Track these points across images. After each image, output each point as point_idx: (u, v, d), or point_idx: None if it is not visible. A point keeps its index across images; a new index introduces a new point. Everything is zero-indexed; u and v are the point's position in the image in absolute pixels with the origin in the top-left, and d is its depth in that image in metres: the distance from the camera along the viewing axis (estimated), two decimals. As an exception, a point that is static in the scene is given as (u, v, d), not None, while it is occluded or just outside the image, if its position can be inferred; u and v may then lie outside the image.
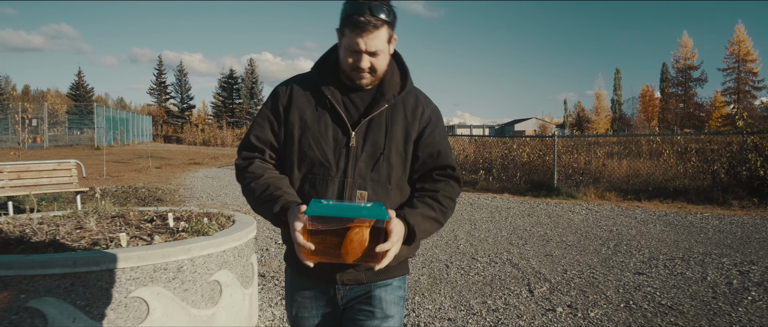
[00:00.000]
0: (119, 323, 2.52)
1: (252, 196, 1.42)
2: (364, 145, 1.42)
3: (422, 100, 1.50)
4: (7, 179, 6.75)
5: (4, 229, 2.99)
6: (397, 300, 1.50)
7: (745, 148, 8.64)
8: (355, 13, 1.33)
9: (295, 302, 1.52)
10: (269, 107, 1.48)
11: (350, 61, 1.39)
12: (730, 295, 3.83)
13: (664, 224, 6.73)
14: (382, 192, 1.43)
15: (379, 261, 1.26)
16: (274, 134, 1.47)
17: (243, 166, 1.46)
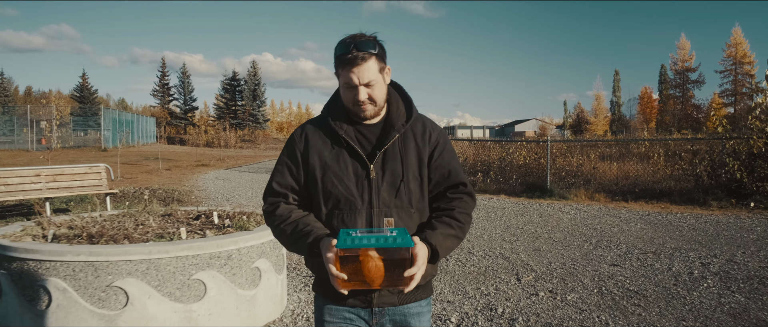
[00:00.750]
0: (183, 300, 3.15)
1: (284, 236, 1.54)
2: (384, 176, 1.53)
3: (429, 125, 1.62)
4: (44, 182, 7.38)
5: (80, 226, 3.62)
6: (427, 323, 1.62)
7: (724, 152, 9.27)
8: (344, 52, 1.47)
9: (326, 323, 1.59)
10: (287, 154, 1.61)
11: (350, 96, 1.51)
12: (689, 282, 4.46)
13: (645, 223, 7.36)
14: (406, 216, 1.53)
15: (407, 284, 1.35)
16: (294, 178, 1.59)
17: (270, 211, 1.59)
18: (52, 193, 7.39)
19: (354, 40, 1.48)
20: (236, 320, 3.37)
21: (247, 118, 54.19)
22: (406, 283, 1.34)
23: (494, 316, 3.74)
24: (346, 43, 1.48)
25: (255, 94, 54.95)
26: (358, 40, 1.48)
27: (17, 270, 3.08)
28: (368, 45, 1.47)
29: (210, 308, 3.23)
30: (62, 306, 2.99)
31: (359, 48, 1.45)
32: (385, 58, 1.54)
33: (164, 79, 58.58)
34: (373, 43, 1.49)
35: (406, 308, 1.56)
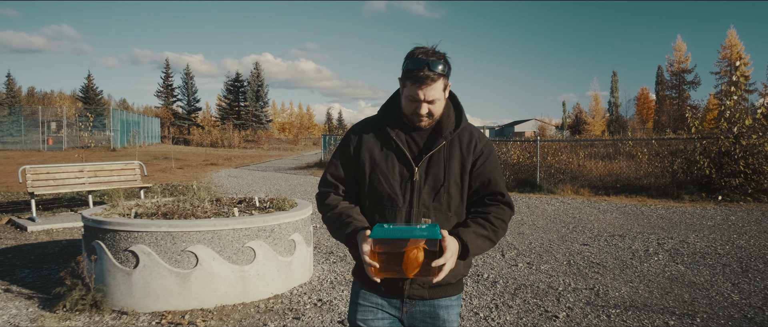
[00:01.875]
0: (238, 262, 4.08)
1: (330, 224, 1.66)
2: (426, 179, 1.61)
3: (476, 135, 1.68)
4: (87, 177, 8.30)
5: (150, 208, 4.55)
6: (456, 317, 1.69)
7: (695, 151, 10.20)
8: (415, 69, 1.52)
9: (361, 307, 1.69)
10: (342, 149, 1.72)
11: (411, 108, 1.59)
12: (643, 257, 5.39)
13: (620, 213, 8.29)
14: (443, 219, 1.61)
15: (436, 275, 1.43)
16: (346, 172, 1.70)
17: (321, 199, 1.72)
18: (94, 187, 8.31)
19: (427, 58, 1.53)
20: (277, 280, 4.30)
21: (250, 119, 55.09)
22: (435, 273, 1.42)
23: (480, 279, 4.67)
24: (419, 60, 1.53)
25: (258, 95, 55.86)
26: (431, 59, 1.53)
27: (110, 239, 4.00)
28: (439, 65, 1.53)
29: (258, 270, 4.15)
30: (147, 266, 3.91)
31: (431, 68, 1.52)
32: (450, 75, 1.61)
33: (168, 80, 59.45)
34: (443, 62, 1.55)
35: (436, 301, 1.65)
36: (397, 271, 1.43)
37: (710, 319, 3.64)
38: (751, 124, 9.62)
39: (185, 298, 3.95)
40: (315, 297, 4.25)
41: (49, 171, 7.98)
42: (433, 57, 1.53)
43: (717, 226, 7.09)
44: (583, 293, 4.24)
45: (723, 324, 3.53)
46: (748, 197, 9.25)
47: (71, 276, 4.08)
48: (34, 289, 4.53)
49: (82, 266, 4.06)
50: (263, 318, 3.79)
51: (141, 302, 3.94)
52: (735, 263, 5.11)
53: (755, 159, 9.36)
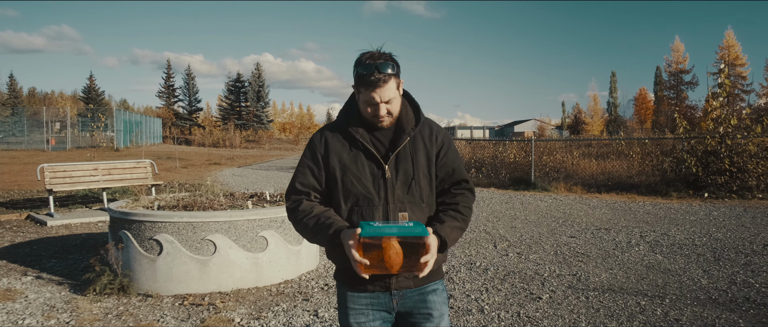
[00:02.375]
0: (252, 250, 4.49)
1: (306, 229, 1.68)
2: (397, 175, 1.67)
3: (435, 128, 1.77)
4: (101, 175, 8.71)
5: (170, 201, 4.96)
6: (444, 301, 1.77)
7: (683, 150, 10.61)
8: (366, 73, 1.60)
9: (352, 311, 1.71)
10: (309, 157, 1.74)
11: (370, 111, 1.67)
12: (625, 247, 5.80)
13: (609, 209, 8.71)
14: (418, 210, 1.69)
15: (421, 270, 1.52)
16: (316, 179, 1.72)
17: (293, 208, 1.72)
18: (108, 184, 8.72)
19: (374, 61, 1.61)
20: (287, 267, 4.71)
21: (251, 119, 55.47)
22: (421, 268, 1.51)
23: (473, 267, 5.08)
24: (367, 65, 1.60)
25: (259, 96, 56.26)
26: (378, 62, 1.60)
27: (136, 229, 4.41)
28: (388, 67, 1.61)
29: (270, 257, 4.56)
30: (170, 253, 4.32)
31: (381, 70, 1.59)
32: (400, 73, 1.69)
33: (169, 80, 59.85)
34: (391, 63, 1.63)
35: (423, 288, 1.72)
36: (382, 267, 1.49)
37: (678, 300, 4.05)
38: (736, 124, 10.03)
39: (205, 282, 4.36)
40: (322, 282, 4.66)
41: (65, 169, 8.38)
42: (380, 59, 1.61)
43: (699, 220, 7.50)
44: (566, 279, 4.65)
45: (689, 304, 3.94)
46: (733, 194, 9.65)
47: (100, 263, 4.48)
48: (62, 276, 4.94)
49: (111, 254, 4.46)
50: (275, 300, 4.20)
51: (164, 286, 4.35)
52: (709, 253, 5.52)
53: (740, 158, 9.76)
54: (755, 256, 5.34)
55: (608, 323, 3.58)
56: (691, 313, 3.77)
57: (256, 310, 3.97)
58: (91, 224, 7.66)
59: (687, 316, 3.71)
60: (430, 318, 1.71)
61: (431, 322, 1.71)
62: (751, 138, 9.83)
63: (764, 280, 4.52)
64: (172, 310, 3.99)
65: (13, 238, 6.69)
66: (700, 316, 3.70)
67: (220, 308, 4.01)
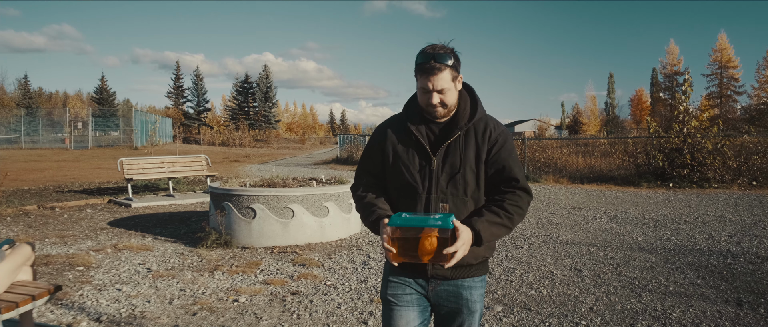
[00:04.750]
0: (319, 216, 6.31)
1: (360, 212, 1.86)
2: (443, 167, 1.75)
3: (491, 124, 1.80)
4: (166, 167, 10.53)
5: (257, 182, 6.79)
6: (480, 297, 1.81)
7: (653, 147, 12.43)
8: (423, 62, 1.69)
9: (391, 284, 1.85)
10: (370, 144, 1.93)
11: (424, 99, 1.74)
12: (590, 220, 7.62)
13: (586, 195, 10.53)
14: (461, 204, 1.74)
15: (448, 261, 1.56)
16: (374, 164, 1.89)
17: (353, 190, 1.93)
18: (172, 175, 10.55)
19: (434, 50, 1.69)
20: (341, 229, 6.52)
21: (259, 119, 57.28)
22: (447, 259, 1.55)
23: (475, 231, 6.92)
24: (426, 54, 1.69)
25: (267, 96, 58.09)
26: (437, 51, 1.68)
27: (236, 201, 6.22)
28: (444, 57, 1.68)
29: (331, 221, 6.38)
30: (261, 217, 6.14)
31: (437, 60, 1.67)
32: (459, 68, 1.75)
33: (179, 81, 61.66)
34: (449, 55, 1.69)
35: (459, 281, 1.78)
36: (413, 256, 1.57)
37: (617, 248, 5.86)
38: (697, 125, 11.84)
39: (285, 237, 6.18)
40: (367, 239, 6.48)
41: (140, 162, 10.21)
42: (439, 50, 1.69)
43: (656, 203, 9.32)
44: (541, 237, 6.48)
45: (623, 250, 5.76)
46: (694, 184, 11.47)
47: (209, 226, 6.31)
48: (172, 238, 6.75)
49: (218, 219, 6.28)
50: (336, 249, 6.01)
51: (257, 241, 6.17)
52: (651, 223, 7.35)
53: (700, 154, 11.57)
54: (685, 225, 7.17)
55: (566, 260, 5.40)
56: (622, 254, 5.59)
57: (325, 254, 5.79)
58: (165, 206, 9.48)
59: (619, 256, 5.53)
60: (460, 313, 1.78)
61: (458, 318, 1.79)
62: (708, 137, 11.64)
63: (681, 238, 6.35)
64: (266, 255, 5.81)
65: (113, 216, 8.51)
66: (628, 256, 5.52)
67: (300, 253, 5.83)
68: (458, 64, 1.75)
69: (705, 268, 5.02)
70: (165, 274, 5.02)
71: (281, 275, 4.96)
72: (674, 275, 4.80)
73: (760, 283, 4.52)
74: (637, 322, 3.67)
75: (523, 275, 4.88)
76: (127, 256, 5.75)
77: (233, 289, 4.53)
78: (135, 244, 6.29)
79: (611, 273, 4.89)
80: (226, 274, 5.01)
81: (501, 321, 3.74)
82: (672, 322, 3.66)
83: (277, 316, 3.90)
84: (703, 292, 4.32)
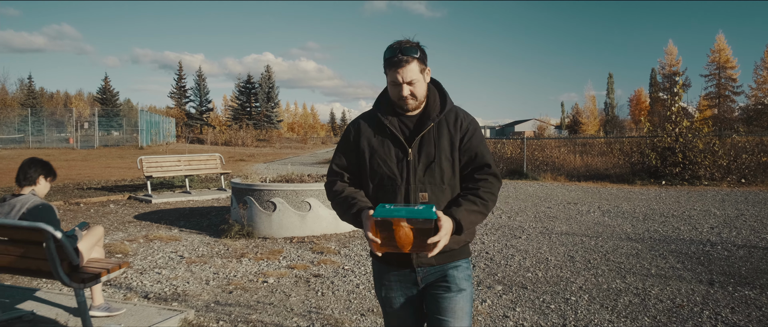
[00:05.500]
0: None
1: (337, 207, 1.87)
2: (420, 158, 1.81)
3: (461, 114, 1.88)
4: (183, 165, 11.08)
5: (276, 178, 7.33)
6: (467, 277, 1.88)
7: (646, 146, 12.97)
8: (391, 56, 1.77)
9: (384, 286, 1.91)
10: (343, 141, 1.94)
11: (395, 92, 1.81)
12: (584, 213, 8.16)
13: (582, 192, 11.07)
14: (438, 191, 1.81)
15: (431, 250, 1.60)
16: (348, 160, 1.91)
17: (328, 187, 1.94)
18: (189, 172, 11.09)
19: (400, 45, 1.77)
20: (353, 221, 7.06)
21: (262, 119, 57.81)
22: (430, 249, 1.60)
23: (477, 224, 7.48)
24: (393, 48, 1.78)
25: (269, 96, 58.63)
26: (403, 45, 1.77)
27: (257, 195, 6.76)
28: (411, 50, 1.76)
29: (343, 214, 6.92)
30: (281, 210, 6.68)
31: (404, 53, 1.75)
32: (426, 61, 1.83)
33: (181, 81, 62.21)
34: (415, 48, 1.77)
35: (444, 265, 1.86)
36: (395, 246, 1.61)
37: (608, 238, 6.41)
38: (688, 125, 12.38)
39: (303, 229, 6.72)
40: (377, 231, 7.02)
41: (158, 161, 10.75)
42: (406, 44, 1.77)
43: (647, 199, 9.86)
44: (539, 229, 7.03)
45: (613, 240, 6.30)
46: (685, 181, 12.01)
47: (232, 218, 6.85)
48: (197, 229, 7.29)
49: (240, 212, 6.82)
50: (350, 239, 6.55)
51: (277, 232, 6.71)
52: (641, 216, 7.89)
53: (691, 152, 12.11)
54: (672, 218, 7.71)
55: (560, 248, 5.94)
56: (612, 243, 6.13)
57: (340, 243, 6.33)
58: (183, 202, 10.02)
59: (609, 245, 6.07)
60: (449, 289, 1.84)
61: (450, 292, 1.83)
62: (699, 137, 12.18)
63: (667, 229, 6.90)
64: (286, 244, 6.35)
65: (136, 210, 9.05)
66: (617, 245, 6.07)
67: (317, 243, 6.37)
68: (425, 56, 1.82)
69: (685, 255, 5.57)
70: (197, 260, 5.56)
71: (303, 261, 5.50)
72: (657, 260, 5.34)
73: (731, 267, 5.06)
74: (620, 298, 4.21)
75: (521, 261, 5.42)
76: (158, 245, 6.29)
77: (261, 273, 5.07)
78: (164, 235, 6.83)
79: (600, 259, 5.44)
80: (252, 261, 5.55)
81: (501, 297, 4.28)
82: (651, 298, 4.19)
83: (304, 293, 4.44)
84: (680, 274, 4.86)
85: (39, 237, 3.01)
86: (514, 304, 4.10)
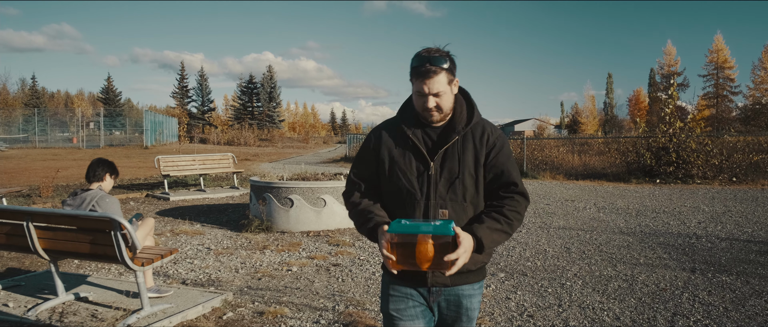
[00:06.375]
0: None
1: (355, 219, 1.81)
2: (442, 172, 1.72)
3: (488, 128, 1.78)
4: (198, 164, 11.57)
5: (293, 176, 7.83)
6: (477, 305, 1.82)
7: (641, 145, 13.48)
8: (419, 65, 1.68)
9: (392, 298, 1.80)
10: (363, 149, 1.88)
11: (420, 103, 1.72)
12: (581, 210, 8.66)
13: (579, 190, 11.58)
14: (460, 209, 1.71)
15: (449, 268, 1.53)
16: (368, 170, 1.85)
17: (347, 197, 1.88)
18: (203, 171, 11.59)
19: (429, 54, 1.68)
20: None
21: (264, 119, 58.29)
22: (448, 267, 1.52)
23: (480, 219, 7.99)
24: (421, 57, 1.69)
25: (271, 96, 59.14)
26: (432, 54, 1.68)
27: (275, 192, 7.26)
28: (440, 60, 1.67)
29: (356, 209, 7.43)
30: (298, 206, 7.18)
31: (432, 63, 1.66)
32: (455, 72, 1.74)
33: (183, 81, 62.69)
34: (445, 58, 1.68)
35: (459, 289, 1.77)
36: (413, 263, 1.54)
37: (602, 232, 6.91)
38: (681, 126, 12.89)
39: (318, 223, 7.22)
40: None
41: (174, 160, 11.25)
42: (435, 54, 1.69)
43: (641, 196, 10.37)
44: (537, 223, 7.53)
45: (606, 233, 6.80)
46: (678, 180, 12.52)
47: (251, 214, 7.34)
48: (217, 225, 7.79)
49: (261, 208, 7.32)
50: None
51: (294, 226, 7.21)
52: (634, 212, 8.39)
53: (684, 152, 12.61)
54: (663, 214, 8.22)
55: (557, 241, 6.44)
56: (605, 237, 6.63)
57: (354, 237, 6.82)
58: (199, 199, 10.51)
59: (602, 238, 6.57)
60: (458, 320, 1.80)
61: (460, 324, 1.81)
62: (692, 137, 12.69)
63: (657, 224, 7.40)
64: (304, 238, 6.84)
65: (156, 207, 9.55)
66: (610, 238, 6.57)
67: (333, 236, 6.86)
68: (454, 67, 1.74)
69: (672, 246, 6.07)
70: (223, 252, 6.06)
71: (321, 252, 6.00)
72: (645, 251, 5.84)
73: (713, 257, 5.57)
74: (610, 283, 4.71)
75: (522, 252, 5.92)
76: (185, 239, 6.79)
77: (284, 263, 5.57)
78: (188, 230, 7.33)
79: (594, 250, 5.94)
80: (274, 252, 6.05)
81: (504, 283, 4.78)
82: (638, 283, 4.69)
83: (326, 280, 4.94)
84: (666, 263, 5.36)
85: (107, 226, 3.51)
86: (515, 289, 4.60)
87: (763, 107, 48.64)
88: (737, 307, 4.04)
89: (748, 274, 4.92)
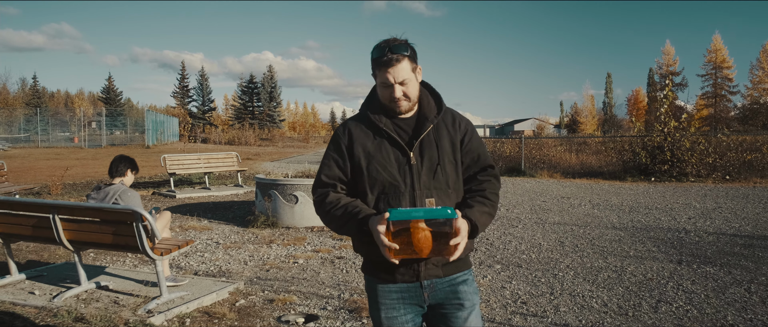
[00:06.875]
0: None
1: (335, 220, 1.69)
2: (423, 161, 1.71)
3: (457, 116, 1.81)
4: (203, 162, 11.84)
5: (297, 174, 8.10)
6: (475, 290, 1.79)
7: (638, 144, 13.75)
8: (380, 55, 1.66)
9: (384, 306, 1.74)
10: (333, 149, 1.79)
11: (387, 94, 1.70)
12: (576, 207, 8.93)
13: (576, 188, 11.85)
14: (444, 196, 1.71)
15: (451, 253, 1.53)
16: (341, 170, 1.75)
17: (320, 200, 1.75)
18: (208, 169, 11.86)
19: (388, 43, 1.67)
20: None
21: (264, 119, 58.55)
22: (451, 252, 1.53)
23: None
24: (381, 47, 1.67)
25: (272, 96, 59.41)
26: (391, 43, 1.67)
27: (281, 189, 7.53)
28: (401, 48, 1.66)
29: (358, 206, 7.70)
30: (302, 202, 7.44)
31: (393, 51, 1.64)
32: (417, 59, 1.73)
33: (184, 81, 62.95)
34: (405, 45, 1.67)
35: (452, 278, 1.74)
36: (412, 251, 1.51)
37: (595, 227, 7.18)
38: (676, 125, 13.16)
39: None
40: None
41: (180, 158, 11.52)
42: (395, 42, 1.67)
43: (636, 194, 10.64)
44: (534, 219, 7.80)
45: (600, 228, 7.07)
46: (673, 178, 12.79)
47: (257, 210, 7.61)
48: (224, 221, 8.05)
49: (267, 205, 7.59)
50: (365, 228, 7.31)
51: (299, 222, 7.47)
52: (627, 208, 8.67)
53: (678, 151, 12.89)
54: (655, 211, 8.49)
55: (552, 235, 6.72)
56: (598, 231, 6.91)
57: (356, 232, 7.09)
58: (205, 197, 10.77)
59: (595, 232, 6.84)
60: (462, 308, 1.74)
61: (463, 312, 1.74)
62: (686, 136, 12.96)
63: (649, 220, 7.67)
64: (308, 233, 7.11)
65: (163, 204, 9.80)
66: (602, 232, 6.84)
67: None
68: (415, 55, 1.73)
69: (661, 240, 6.34)
70: (232, 246, 6.33)
71: (325, 246, 6.27)
72: (635, 245, 6.12)
73: (699, 250, 5.84)
74: (600, 273, 4.98)
75: (517, 245, 6.20)
76: (194, 234, 7.05)
77: (291, 256, 5.84)
78: (196, 225, 7.60)
79: (587, 244, 6.21)
80: (281, 246, 6.31)
81: (499, 274, 5.05)
82: (626, 273, 4.96)
83: (331, 271, 5.21)
84: (654, 255, 5.63)
85: (129, 218, 3.77)
86: (510, 279, 4.87)
87: (761, 107, 48.95)
88: (718, 294, 4.31)
89: (731, 265, 5.19)
